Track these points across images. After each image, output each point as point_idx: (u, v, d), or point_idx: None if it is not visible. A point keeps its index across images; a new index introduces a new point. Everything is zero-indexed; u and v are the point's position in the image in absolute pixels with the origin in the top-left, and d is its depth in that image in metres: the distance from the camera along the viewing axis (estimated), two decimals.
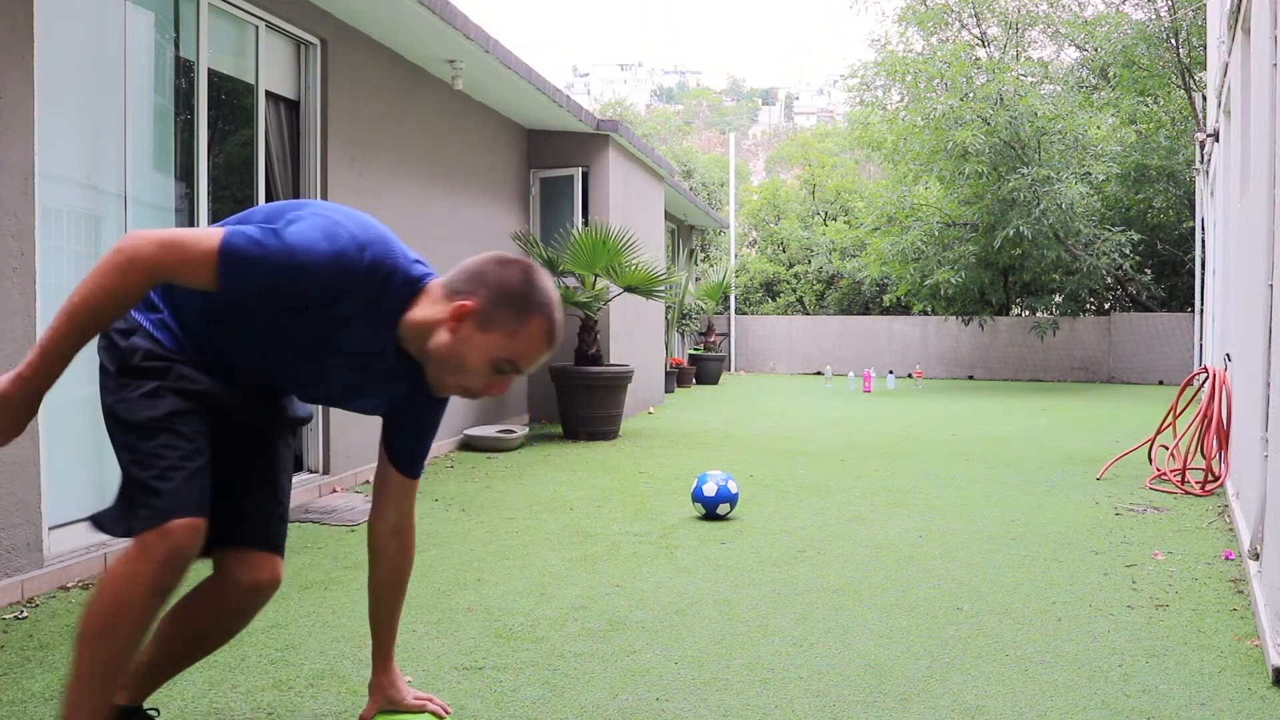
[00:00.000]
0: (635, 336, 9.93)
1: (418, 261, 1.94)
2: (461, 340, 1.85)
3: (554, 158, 8.99)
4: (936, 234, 15.89)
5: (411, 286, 1.89)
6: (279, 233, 1.78)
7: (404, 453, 2.16)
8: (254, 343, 1.93)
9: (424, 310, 1.88)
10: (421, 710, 2.25)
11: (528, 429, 8.15)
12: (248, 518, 2.05)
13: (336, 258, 1.78)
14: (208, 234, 1.76)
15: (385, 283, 1.86)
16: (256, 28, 4.97)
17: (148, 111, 4.26)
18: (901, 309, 18.70)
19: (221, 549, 2.02)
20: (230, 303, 1.86)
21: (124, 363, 1.88)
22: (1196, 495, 5.47)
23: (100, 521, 1.89)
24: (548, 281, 1.90)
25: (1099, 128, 15.09)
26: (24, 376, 1.73)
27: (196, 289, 1.83)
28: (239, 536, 2.03)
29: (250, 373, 2.00)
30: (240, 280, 1.75)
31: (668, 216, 14.28)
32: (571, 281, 8.39)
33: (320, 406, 5.51)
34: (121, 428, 1.86)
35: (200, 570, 2.02)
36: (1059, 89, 16.96)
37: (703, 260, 19.70)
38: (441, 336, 1.86)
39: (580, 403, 7.91)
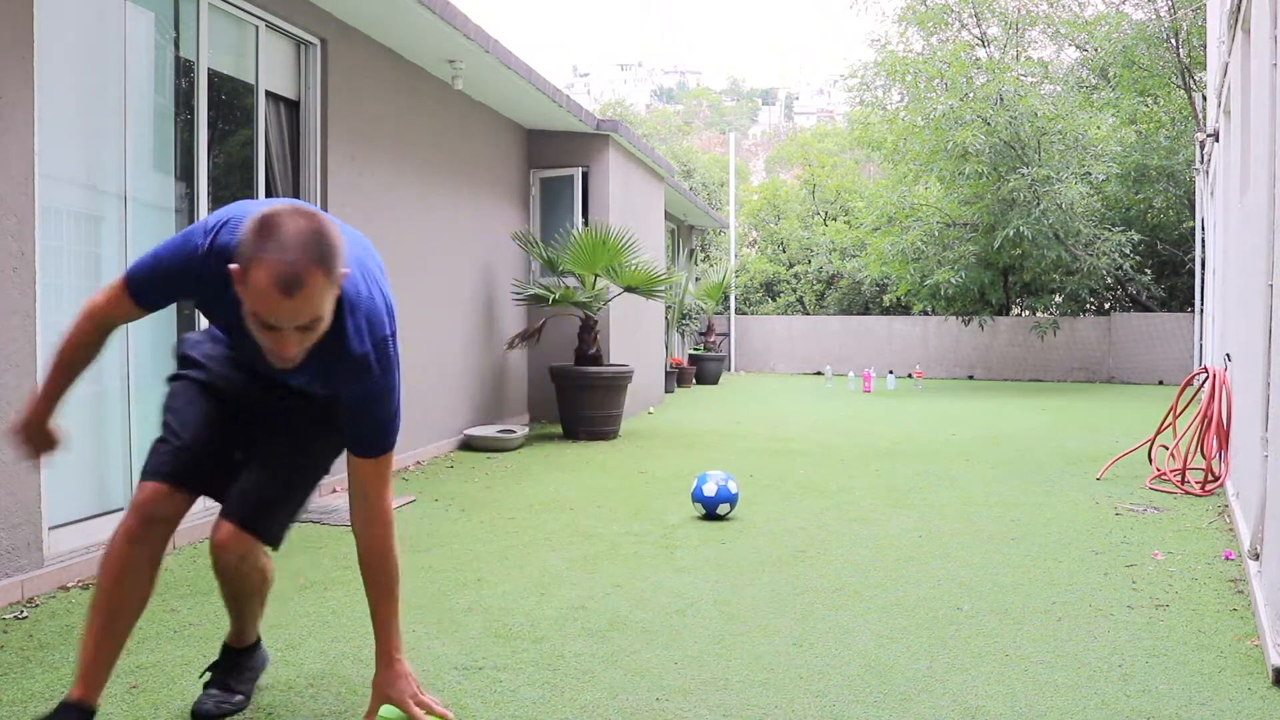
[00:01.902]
0: (635, 336, 9.93)
1: None
2: (239, 303, 1.88)
3: (554, 157, 8.99)
4: (936, 234, 15.88)
5: None
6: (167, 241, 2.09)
7: (348, 430, 2.17)
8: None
9: None
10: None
11: (528, 429, 8.15)
12: (240, 492, 2.26)
13: (182, 244, 2.01)
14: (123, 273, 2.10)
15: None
16: (256, 28, 4.97)
17: (148, 111, 4.26)
18: (901, 309, 18.70)
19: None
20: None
21: (175, 353, 2.38)
22: (1196, 495, 5.47)
23: None
24: (292, 226, 1.81)
25: (1099, 128, 15.06)
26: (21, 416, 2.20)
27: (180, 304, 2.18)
28: (227, 504, 2.27)
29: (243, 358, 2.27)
30: (145, 292, 2.06)
31: (668, 216, 14.28)
32: (571, 281, 8.39)
33: None
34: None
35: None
36: (1059, 89, 16.95)
37: (703, 260, 19.69)
38: None
39: (580, 403, 7.91)
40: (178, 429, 2.19)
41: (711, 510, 4.85)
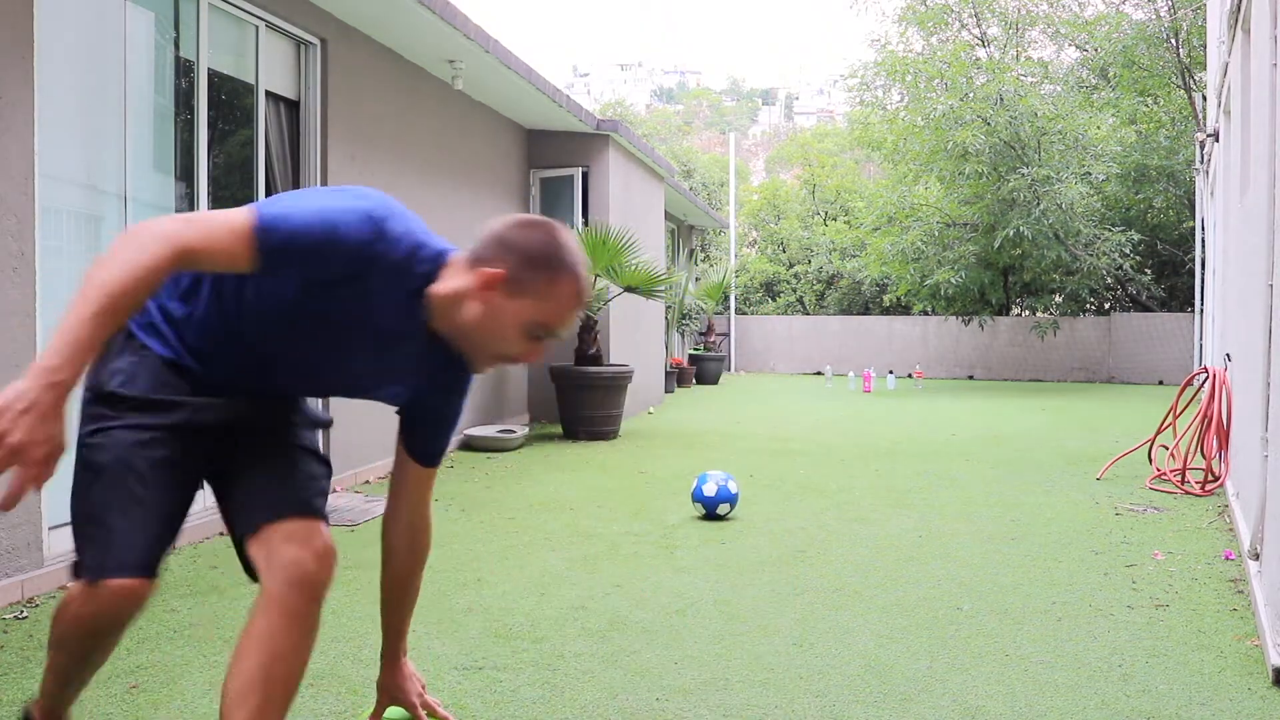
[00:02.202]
0: (635, 336, 9.92)
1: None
2: (494, 309, 1.80)
3: (554, 158, 8.99)
4: (936, 234, 15.89)
5: (437, 260, 1.84)
6: (304, 199, 1.74)
7: (422, 442, 2.08)
8: (270, 335, 1.83)
9: (451, 282, 1.81)
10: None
11: (528, 429, 8.15)
12: (269, 486, 1.92)
13: (367, 215, 1.72)
14: (236, 211, 1.68)
15: (412, 253, 1.80)
16: (256, 28, 4.97)
17: (148, 111, 4.26)
18: (901, 309, 18.70)
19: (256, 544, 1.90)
20: (251, 291, 1.79)
21: (99, 388, 1.78)
22: (1196, 495, 5.47)
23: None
24: (573, 240, 1.85)
25: (1099, 128, 15.08)
26: (62, 382, 1.43)
27: (218, 277, 1.78)
28: (268, 509, 1.90)
29: (254, 372, 1.91)
30: (279, 252, 1.65)
31: (668, 216, 14.28)
32: None
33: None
34: (79, 464, 1.75)
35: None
36: (1059, 89, 16.96)
37: (703, 260, 19.70)
38: (472, 308, 1.80)
39: (580, 403, 7.91)
40: (142, 499, 1.73)
41: (711, 510, 4.86)
